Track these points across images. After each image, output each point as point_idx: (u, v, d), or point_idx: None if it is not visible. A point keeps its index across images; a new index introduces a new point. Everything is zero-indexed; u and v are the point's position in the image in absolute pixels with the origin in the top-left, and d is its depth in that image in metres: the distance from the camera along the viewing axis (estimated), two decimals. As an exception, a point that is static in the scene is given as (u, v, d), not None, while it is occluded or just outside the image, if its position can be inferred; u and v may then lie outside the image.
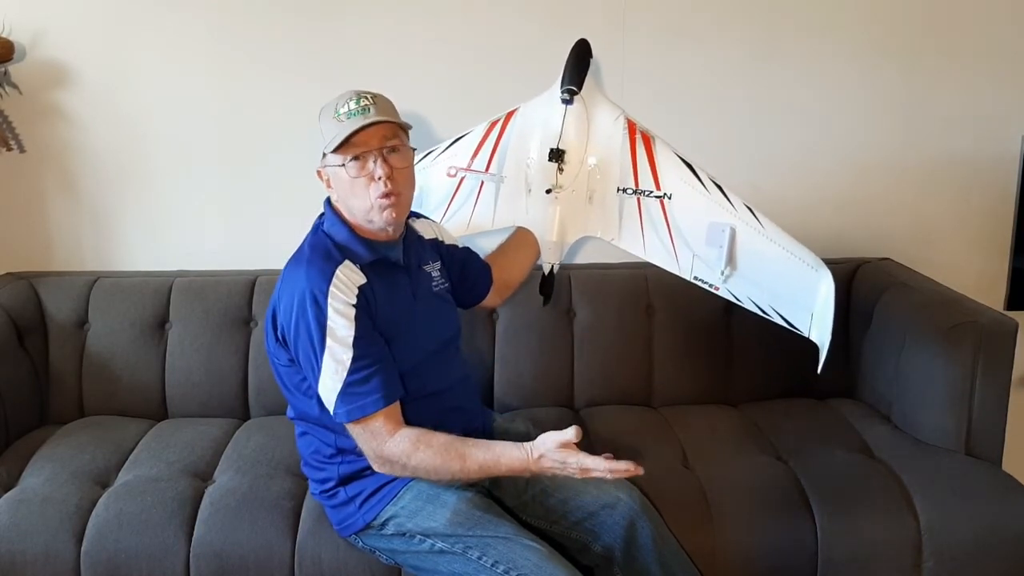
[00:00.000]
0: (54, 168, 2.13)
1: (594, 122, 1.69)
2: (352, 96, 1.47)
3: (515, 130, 1.77)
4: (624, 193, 1.69)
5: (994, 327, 1.76)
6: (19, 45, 2.03)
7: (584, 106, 1.67)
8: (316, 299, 1.43)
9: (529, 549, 1.43)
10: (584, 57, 1.68)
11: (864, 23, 2.15)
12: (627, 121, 1.69)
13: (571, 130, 1.67)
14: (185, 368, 2.02)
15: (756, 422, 1.95)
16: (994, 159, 2.23)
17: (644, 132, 1.68)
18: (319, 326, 1.42)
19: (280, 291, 1.50)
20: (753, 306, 1.64)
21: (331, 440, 1.55)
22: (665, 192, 1.66)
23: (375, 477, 1.53)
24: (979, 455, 1.77)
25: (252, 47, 2.09)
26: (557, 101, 1.68)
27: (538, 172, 1.73)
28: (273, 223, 2.14)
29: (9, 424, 1.88)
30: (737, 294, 1.65)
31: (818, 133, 2.20)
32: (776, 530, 1.64)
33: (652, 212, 1.67)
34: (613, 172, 1.69)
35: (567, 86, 1.66)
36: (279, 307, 1.50)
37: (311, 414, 1.55)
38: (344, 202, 1.50)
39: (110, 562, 1.57)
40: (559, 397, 2.06)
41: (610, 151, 1.68)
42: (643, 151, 1.67)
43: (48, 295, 2.04)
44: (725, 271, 1.62)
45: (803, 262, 1.59)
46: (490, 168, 1.78)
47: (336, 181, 1.49)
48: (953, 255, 2.27)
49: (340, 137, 1.44)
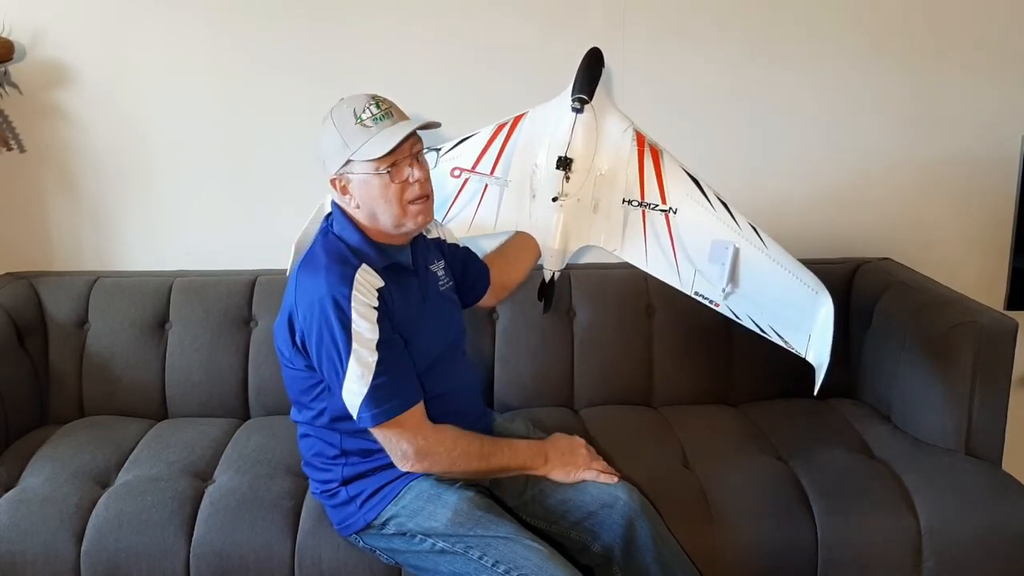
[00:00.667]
0: (54, 168, 2.13)
1: (603, 132, 1.69)
2: (369, 100, 1.45)
3: (522, 135, 1.77)
4: (629, 205, 1.69)
5: (994, 327, 1.76)
6: (19, 45, 2.03)
7: (594, 116, 1.67)
8: (339, 304, 1.42)
9: (530, 549, 1.43)
10: (596, 66, 1.68)
11: (864, 23, 2.15)
12: (636, 133, 1.69)
13: (579, 139, 1.67)
14: (185, 368, 2.02)
15: (756, 422, 1.95)
16: (994, 159, 2.23)
17: (653, 145, 1.68)
18: (344, 330, 1.42)
19: (296, 298, 1.48)
20: (752, 324, 1.66)
21: (336, 441, 1.55)
22: (671, 206, 1.66)
23: (377, 477, 1.53)
24: (979, 455, 1.77)
25: (252, 47, 2.09)
26: (567, 109, 1.67)
27: (544, 179, 1.73)
28: (273, 223, 2.14)
29: (9, 424, 1.88)
30: (737, 312, 1.66)
31: (818, 133, 2.20)
32: (776, 530, 1.64)
33: (656, 225, 1.67)
34: (619, 183, 1.69)
35: (577, 95, 1.65)
36: (296, 313, 1.48)
37: (319, 417, 1.55)
38: (369, 208, 1.48)
39: (110, 562, 1.56)
40: (559, 397, 2.06)
41: (618, 162, 1.68)
42: (651, 164, 1.68)
43: (48, 295, 2.04)
44: (726, 288, 1.62)
45: (805, 285, 1.60)
46: (495, 171, 1.78)
47: (363, 188, 1.46)
48: (953, 255, 2.27)
49: (388, 144, 1.42)
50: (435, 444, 1.48)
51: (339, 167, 1.46)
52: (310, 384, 1.54)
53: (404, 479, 1.52)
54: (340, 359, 1.43)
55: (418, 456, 1.48)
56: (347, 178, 1.47)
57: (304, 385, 1.55)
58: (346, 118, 1.45)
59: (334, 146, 1.45)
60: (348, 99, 1.47)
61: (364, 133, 1.43)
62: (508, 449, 1.56)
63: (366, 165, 1.44)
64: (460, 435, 1.52)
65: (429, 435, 1.48)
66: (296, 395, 1.59)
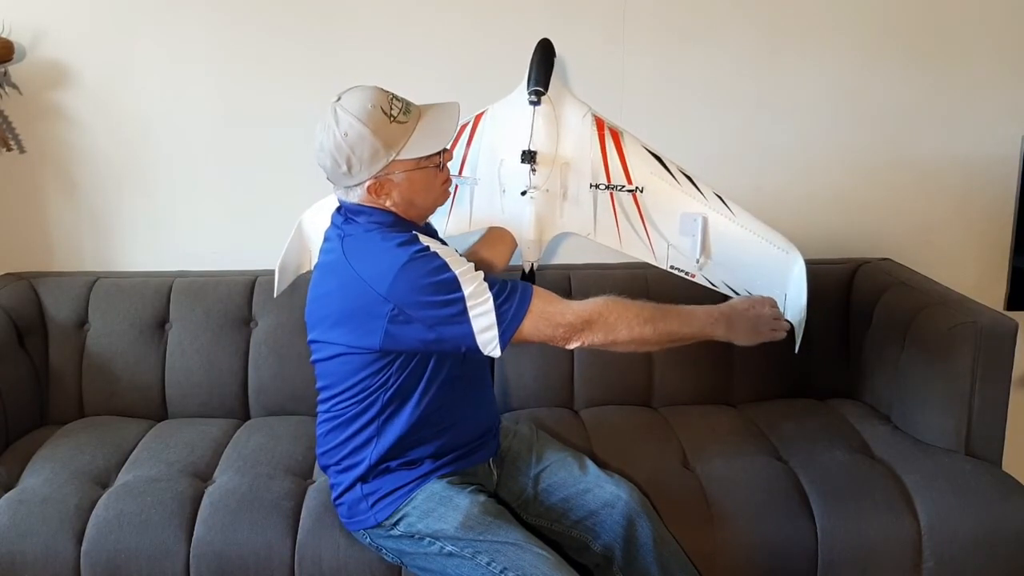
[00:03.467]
0: (54, 168, 2.13)
1: (563, 121, 1.70)
2: (385, 96, 1.42)
3: (485, 132, 1.78)
4: (597, 189, 1.71)
5: (994, 327, 1.76)
6: (19, 45, 2.03)
7: (552, 106, 1.69)
8: (424, 256, 1.39)
9: (538, 557, 1.42)
10: (548, 57, 1.69)
11: (864, 23, 2.15)
12: (594, 118, 1.71)
13: (541, 131, 1.68)
14: (185, 368, 2.02)
15: (756, 422, 1.95)
16: (994, 159, 2.23)
17: (612, 128, 1.70)
18: (444, 271, 1.37)
19: (369, 282, 1.40)
20: (728, 291, 1.69)
21: (370, 433, 1.51)
22: (637, 186, 1.69)
23: (393, 477, 1.52)
24: (979, 455, 1.77)
25: (252, 48, 2.09)
26: (524, 103, 1.68)
27: (511, 173, 1.74)
28: (273, 223, 2.13)
29: (9, 424, 1.88)
30: (713, 280, 1.69)
31: (818, 133, 2.20)
32: (776, 530, 1.64)
33: (626, 206, 1.70)
34: (585, 169, 1.71)
35: (533, 87, 1.67)
36: (376, 298, 1.39)
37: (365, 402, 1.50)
38: (408, 201, 1.46)
39: (110, 562, 1.56)
40: (559, 397, 2.06)
41: (580, 149, 1.70)
42: (612, 146, 1.70)
43: (48, 295, 2.04)
44: (700, 259, 1.66)
45: (774, 246, 1.64)
46: (463, 171, 1.79)
47: (406, 184, 1.44)
48: (953, 255, 2.27)
49: (443, 136, 1.43)
50: (583, 306, 1.42)
51: (378, 171, 1.42)
52: (378, 367, 1.46)
53: (419, 481, 1.51)
54: (459, 300, 1.37)
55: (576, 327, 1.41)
56: (387, 179, 1.43)
57: (368, 370, 1.47)
58: (378, 119, 1.39)
59: (370, 151, 1.40)
60: (357, 99, 1.41)
61: (403, 131, 1.41)
62: (677, 315, 1.46)
63: (411, 162, 1.42)
64: (610, 299, 1.44)
65: (573, 303, 1.43)
66: (348, 384, 1.50)
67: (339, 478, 1.57)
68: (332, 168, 1.44)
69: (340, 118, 1.40)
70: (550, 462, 1.64)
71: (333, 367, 1.52)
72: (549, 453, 1.66)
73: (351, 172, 1.42)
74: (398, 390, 1.48)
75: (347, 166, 1.41)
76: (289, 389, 2.00)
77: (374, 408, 1.50)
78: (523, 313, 1.40)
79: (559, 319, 1.42)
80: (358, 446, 1.53)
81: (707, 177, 1.71)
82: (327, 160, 1.43)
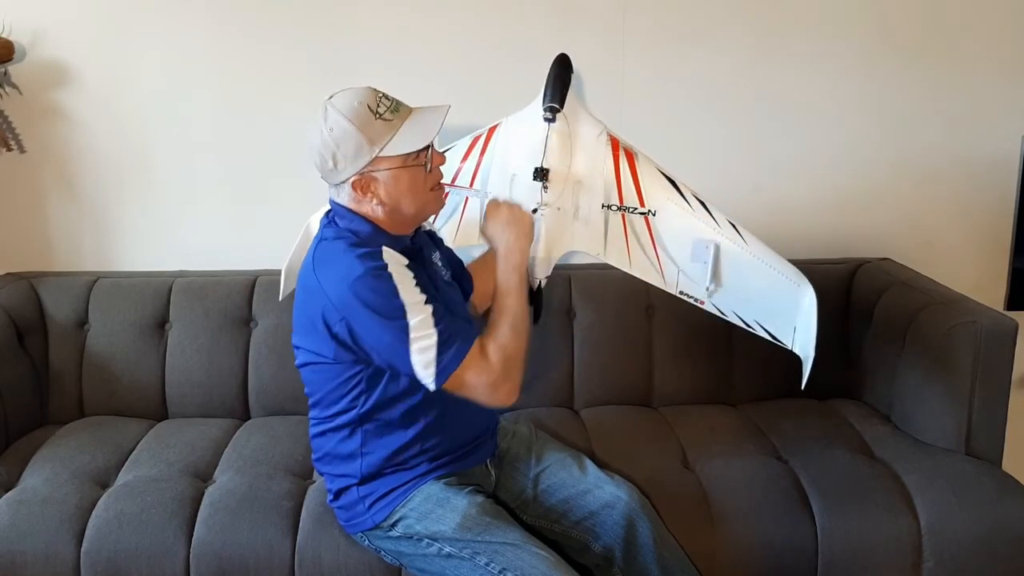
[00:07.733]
0: (54, 168, 2.13)
1: (577, 139, 1.68)
2: (374, 95, 1.41)
3: (498, 146, 1.76)
4: (609, 210, 1.70)
5: (994, 327, 1.76)
6: (19, 45, 2.03)
7: (567, 123, 1.67)
8: (378, 275, 1.37)
9: (537, 557, 1.42)
10: (565, 73, 1.66)
11: (863, 24, 2.15)
12: (610, 137, 1.69)
13: (554, 148, 1.66)
14: (185, 368, 2.02)
15: (756, 422, 1.95)
16: (994, 159, 2.23)
17: (627, 149, 1.68)
18: (393, 297, 1.37)
19: (327, 292, 1.41)
20: (738, 320, 1.66)
21: (357, 440, 1.51)
22: (649, 209, 1.67)
23: (389, 479, 1.51)
24: (979, 455, 1.77)
25: (252, 48, 2.09)
26: (539, 119, 1.67)
27: (523, 190, 1.73)
28: (273, 223, 2.13)
29: (9, 424, 1.88)
30: (723, 308, 1.66)
31: (818, 133, 2.20)
32: (776, 530, 1.64)
33: (637, 228, 1.68)
34: (597, 189, 1.69)
35: (549, 104, 1.65)
36: (330, 307, 1.40)
37: (345, 414, 1.51)
38: (395, 203, 1.44)
39: (110, 562, 1.56)
40: (559, 397, 2.06)
41: (594, 168, 1.68)
42: (627, 168, 1.68)
43: (48, 295, 2.04)
44: (710, 286, 1.63)
45: (786, 277, 1.61)
46: (474, 184, 1.78)
47: (392, 183, 1.43)
48: (953, 255, 2.27)
49: (427, 133, 1.41)
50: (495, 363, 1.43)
51: (362, 167, 1.41)
52: (346, 377, 1.47)
53: (415, 482, 1.51)
54: (400, 327, 1.37)
55: (498, 385, 1.43)
56: (372, 176, 1.43)
57: (338, 379, 1.48)
58: (364, 115, 1.39)
59: (354, 147, 1.39)
60: (346, 97, 1.41)
61: (388, 128, 1.40)
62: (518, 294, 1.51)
63: (396, 159, 1.41)
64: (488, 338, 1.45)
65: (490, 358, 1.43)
66: (323, 392, 1.52)
67: (335, 482, 1.57)
68: (321, 164, 1.44)
69: (328, 115, 1.41)
70: (549, 462, 1.64)
71: (308, 374, 1.54)
72: (548, 453, 1.66)
73: (337, 168, 1.42)
74: (382, 395, 1.47)
75: (333, 162, 1.42)
76: (289, 389, 1.99)
77: (355, 413, 1.49)
78: (461, 358, 1.40)
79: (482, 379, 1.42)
80: (349, 453, 1.53)
81: (707, 178, 1.71)
82: (316, 156, 1.44)
